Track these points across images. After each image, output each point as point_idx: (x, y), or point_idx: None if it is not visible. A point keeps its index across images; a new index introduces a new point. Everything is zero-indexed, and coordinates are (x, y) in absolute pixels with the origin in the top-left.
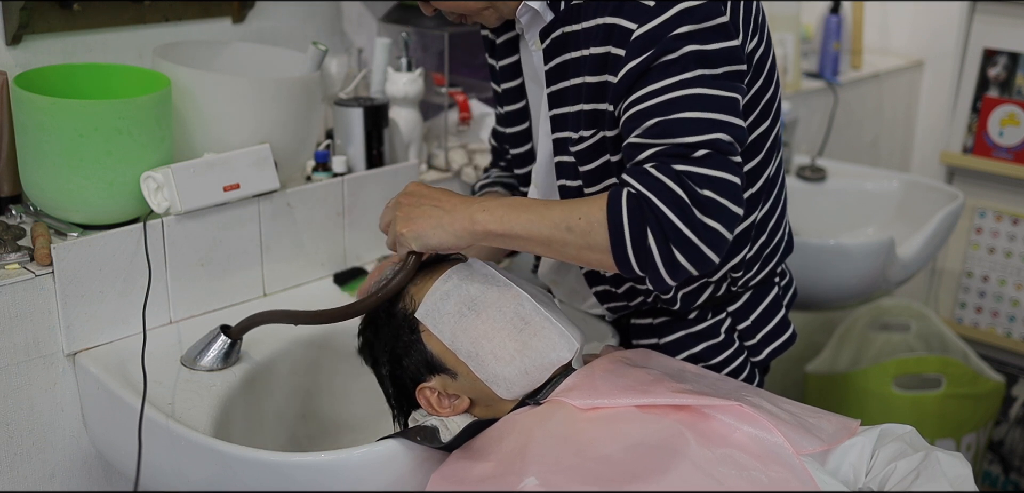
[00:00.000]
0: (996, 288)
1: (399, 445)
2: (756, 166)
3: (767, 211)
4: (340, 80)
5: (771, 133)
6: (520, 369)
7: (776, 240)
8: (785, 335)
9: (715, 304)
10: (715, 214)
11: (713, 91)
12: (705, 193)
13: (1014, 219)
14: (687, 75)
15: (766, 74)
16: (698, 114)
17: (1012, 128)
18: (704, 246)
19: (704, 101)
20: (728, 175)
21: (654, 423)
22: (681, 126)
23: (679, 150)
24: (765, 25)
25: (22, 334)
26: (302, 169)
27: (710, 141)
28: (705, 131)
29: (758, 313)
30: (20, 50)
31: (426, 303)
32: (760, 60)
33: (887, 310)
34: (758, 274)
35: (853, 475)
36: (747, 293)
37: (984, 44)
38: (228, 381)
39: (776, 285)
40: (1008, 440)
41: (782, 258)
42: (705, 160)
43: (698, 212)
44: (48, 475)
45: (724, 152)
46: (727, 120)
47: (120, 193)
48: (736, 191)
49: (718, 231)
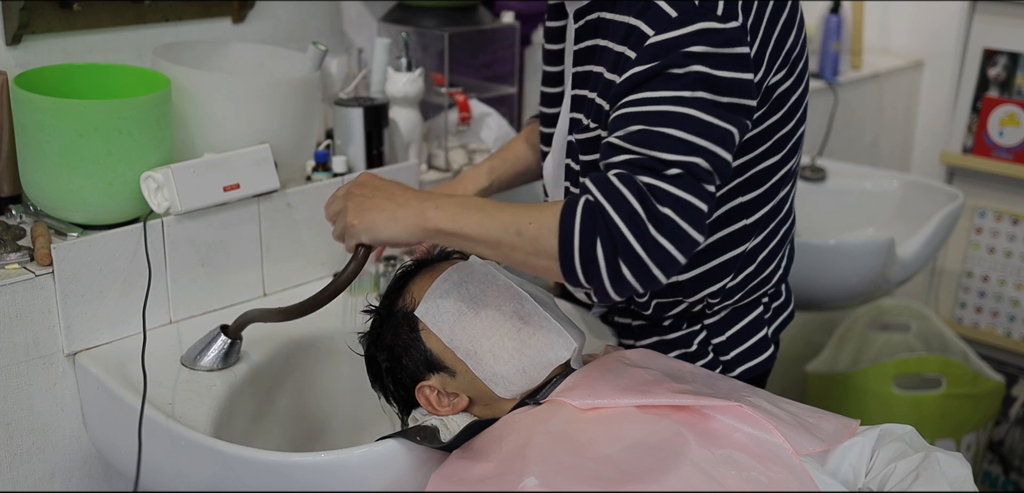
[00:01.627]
0: (996, 288)
1: (399, 445)
2: (756, 198)
3: (759, 243)
4: (340, 80)
5: (782, 167)
6: (519, 368)
7: (768, 272)
8: (762, 356)
9: (691, 316)
10: (670, 234)
11: (706, 117)
12: (664, 210)
13: (1014, 219)
14: (685, 93)
15: (787, 109)
16: (683, 134)
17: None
18: (652, 264)
19: (694, 123)
20: (694, 199)
21: (654, 423)
22: (662, 140)
23: (652, 163)
24: (800, 63)
25: (22, 334)
26: (302, 169)
27: (686, 162)
28: (684, 152)
29: (736, 330)
30: (20, 50)
31: (426, 301)
32: (783, 95)
33: (887, 310)
34: (742, 300)
35: (853, 475)
36: (726, 311)
37: (984, 44)
38: (228, 381)
39: (761, 306)
40: (1008, 440)
41: (777, 284)
42: (675, 179)
43: (652, 228)
44: (48, 475)
45: (698, 177)
46: (711, 149)
47: (120, 193)
48: (699, 217)
49: (670, 252)
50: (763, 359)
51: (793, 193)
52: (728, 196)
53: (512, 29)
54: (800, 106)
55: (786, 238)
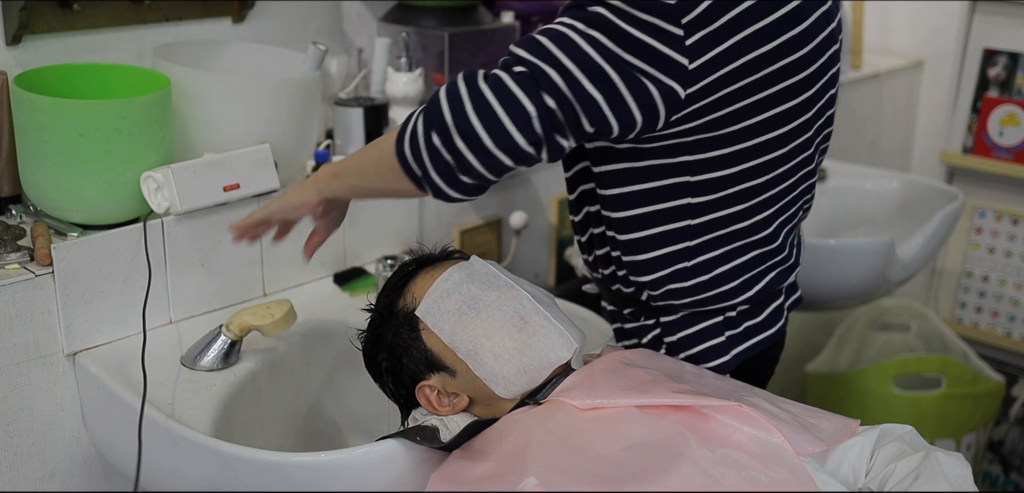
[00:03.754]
0: (996, 288)
1: (399, 445)
2: (704, 204)
3: (717, 256)
4: (340, 80)
5: (741, 181)
6: (519, 368)
7: (727, 287)
8: (717, 361)
9: (647, 310)
10: (483, 116)
11: (585, 46)
12: (485, 90)
13: (1014, 219)
14: (578, 24)
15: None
16: (548, 44)
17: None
18: (459, 141)
19: (566, 43)
20: (522, 95)
21: (654, 423)
22: (530, 45)
23: (508, 61)
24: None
25: (22, 334)
26: (302, 169)
27: (533, 64)
28: (539, 56)
29: (690, 332)
30: (20, 50)
31: (426, 301)
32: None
33: (887, 310)
34: (694, 306)
35: (853, 475)
36: (683, 312)
37: (984, 44)
38: (228, 381)
39: (722, 317)
40: (1008, 440)
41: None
42: (516, 75)
43: (467, 101)
44: (48, 475)
45: (538, 82)
46: (569, 68)
47: (120, 193)
48: (522, 113)
49: (478, 133)
50: (717, 365)
51: (781, 223)
52: (675, 191)
53: (512, 29)
54: (780, 128)
55: (761, 261)
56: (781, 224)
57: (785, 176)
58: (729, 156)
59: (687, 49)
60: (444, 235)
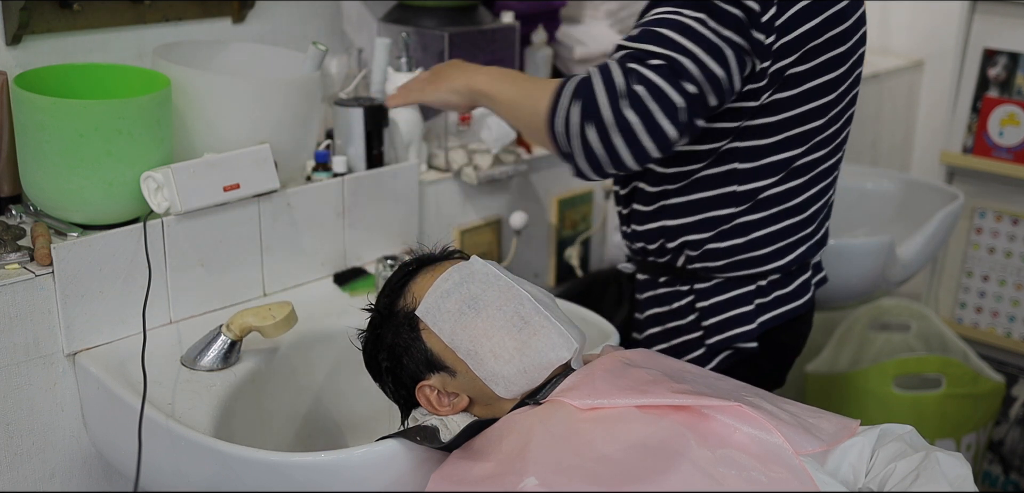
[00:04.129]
0: (996, 288)
1: (399, 445)
2: (750, 170)
3: (754, 221)
4: (340, 80)
5: (785, 151)
6: (519, 368)
7: (760, 252)
8: (742, 328)
9: (681, 276)
10: (639, 112)
11: (699, 28)
12: (638, 89)
13: (1014, 219)
14: (684, 9)
15: (797, 95)
16: (673, 34)
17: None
18: (618, 137)
19: (685, 29)
20: (668, 88)
21: (654, 423)
22: (654, 37)
23: (640, 54)
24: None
25: (22, 334)
26: (302, 169)
27: (668, 57)
28: (670, 48)
29: (722, 298)
30: (20, 50)
31: (426, 301)
32: (791, 78)
33: (887, 310)
34: (728, 271)
35: (853, 475)
36: (716, 279)
37: (984, 44)
38: (228, 381)
39: (755, 286)
40: (1008, 440)
41: (778, 271)
42: (656, 68)
43: (623, 102)
44: (48, 475)
45: (677, 73)
46: (697, 53)
47: (120, 193)
48: (670, 107)
49: (635, 130)
50: (742, 332)
51: (812, 195)
52: (725, 157)
53: (512, 29)
54: (819, 99)
55: (792, 232)
56: (812, 198)
57: (819, 147)
58: (774, 125)
59: (764, 25)
60: (444, 235)
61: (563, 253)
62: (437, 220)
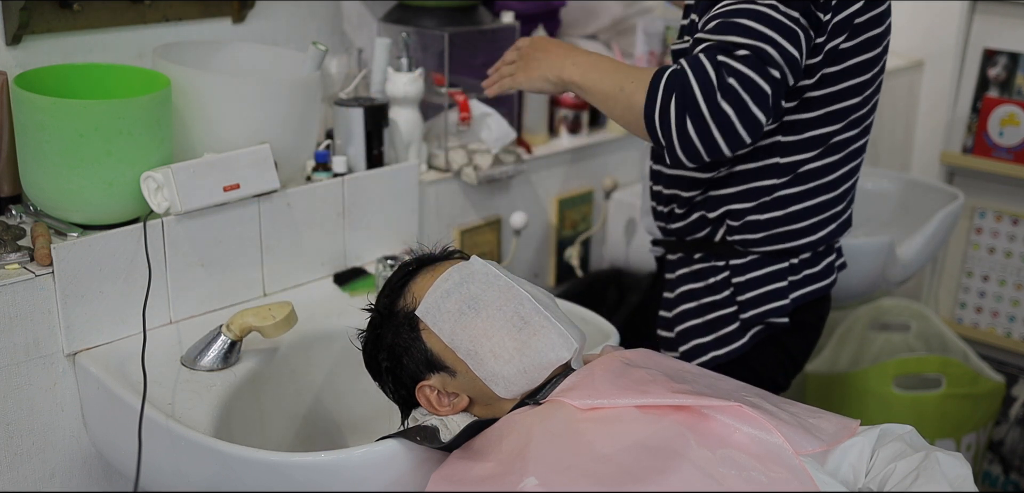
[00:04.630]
0: (996, 288)
1: (399, 445)
2: (793, 143)
3: (793, 194)
4: (340, 80)
5: (824, 126)
6: (519, 368)
7: (797, 227)
8: (776, 303)
9: (717, 252)
10: (734, 103)
11: (773, 13)
12: (730, 81)
13: (1014, 219)
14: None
15: (844, 74)
16: (752, 23)
17: (1012, 128)
18: (715, 128)
19: (762, 16)
20: (758, 78)
21: (654, 423)
22: (735, 28)
23: (725, 46)
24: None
25: (22, 334)
26: (302, 169)
27: (753, 46)
28: (753, 37)
29: (758, 274)
30: (20, 50)
31: (426, 301)
32: (841, 54)
33: (887, 310)
34: (765, 245)
35: (853, 475)
36: (752, 256)
37: (984, 44)
38: (228, 381)
39: (787, 263)
40: (1008, 440)
41: (809, 248)
42: (743, 59)
43: (719, 95)
44: (48, 475)
45: (763, 60)
46: (777, 39)
47: (120, 193)
48: (762, 96)
49: (732, 120)
50: (775, 307)
51: (844, 174)
52: (771, 132)
53: (512, 29)
54: (857, 77)
55: (826, 208)
56: (845, 175)
57: (853, 125)
58: (817, 99)
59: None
60: (444, 235)
61: (563, 253)
62: (437, 220)
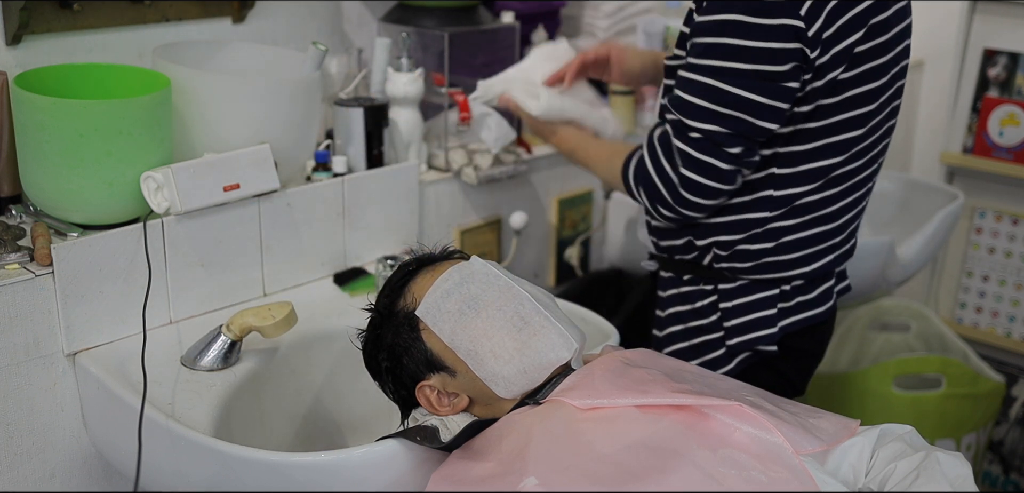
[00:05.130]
0: (996, 288)
1: (399, 445)
2: (787, 176)
3: (786, 227)
4: (340, 80)
5: (827, 162)
6: (519, 368)
7: (787, 257)
8: (762, 332)
9: (706, 276)
10: (692, 189)
11: (726, 87)
12: (685, 172)
13: (1014, 219)
14: (711, 62)
15: (842, 105)
16: (703, 103)
17: (1012, 128)
18: (682, 209)
19: (715, 94)
20: (715, 161)
21: (654, 423)
22: (688, 108)
23: (681, 127)
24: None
25: (22, 334)
26: (302, 169)
27: (705, 131)
28: (705, 120)
29: (746, 301)
30: (20, 50)
31: (426, 301)
32: (839, 85)
33: (887, 310)
34: (754, 273)
35: (853, 475)
36: (741, 281)
37: (984, 44)
38: (228, 381)
39: (778, 290)
40: (1008, 440)
41: (802, 276)
42: (696, 143)
43: (678, 185)
44: (48, 475)
45: (717, 142)
46: (730, 115)
47: (120, 193)
48: (720, 174)
49: (694, 202)
50: (762, 335)
51: (845, 206)
52: (764, 162)
53: (512, 29)
54: (860, 108)
55: (823, 239)
56: (846, 207)
57: (857, 157)
58: (814, 131)
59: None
60: (444, 235)
61: (563, 253)
62: (437, 220)
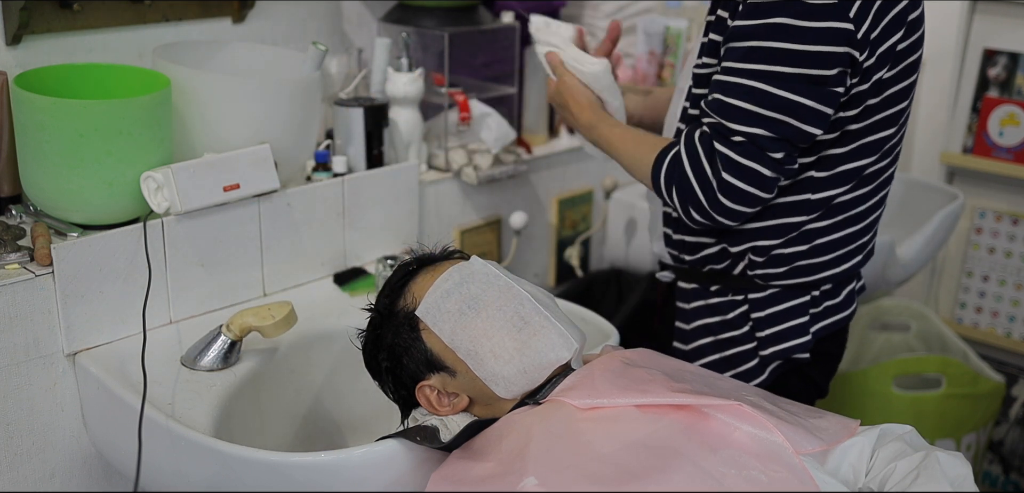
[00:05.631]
0: (996, 288)
1: (399, 445)
2: (826, 179)
3: (820, 228)
4: (340, 80)
5: (862, 162)
6: (519, 368)
7: (820, 260)
8: (797, 340)
9: (735, 286)
10: (732, 196)
11: (771, 89)
12: (726, 176)
13: (1014, 219)
14: (755, 66)
15: (882, 105)
16: (747, 106)
17: (1012, 128)
18: (717, 215)
19: (759, 96)
20: (758, 166)
21: (654, 423)
22: (730, 111)
23: (723, 130)
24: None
25: (22, 334)
26: (302, 169)
27: (749, 133)
28: (748, 123)
29: (777, 310)
30: (20, 50)
31: (426, 301)
32: (883, 85)
33: (887, 310)
34: (786, 278)
35: (853, 475)
36: (772, 289)
37: (984, 44)
38: (228, 381)
39: (809, 296)
40: (1008, 440)
41: (830, 280)
42: (738, 147)
43: (717, 189)
44: (48, 475)
45: (761, 147)
46: (775, 118)
47: (120, 193)
48: (763, 181)
49: (733, 209)
50: (797, 344)
51: (873, 204)
52: (804, 166)
53: (512, 29)
54: (899, 121)
55: (852, 240)
56: (874, 206)
57: (887, 155)
58: (852, 133)
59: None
60: (444, 235)
61: (563, 253)
62: (437, 220)
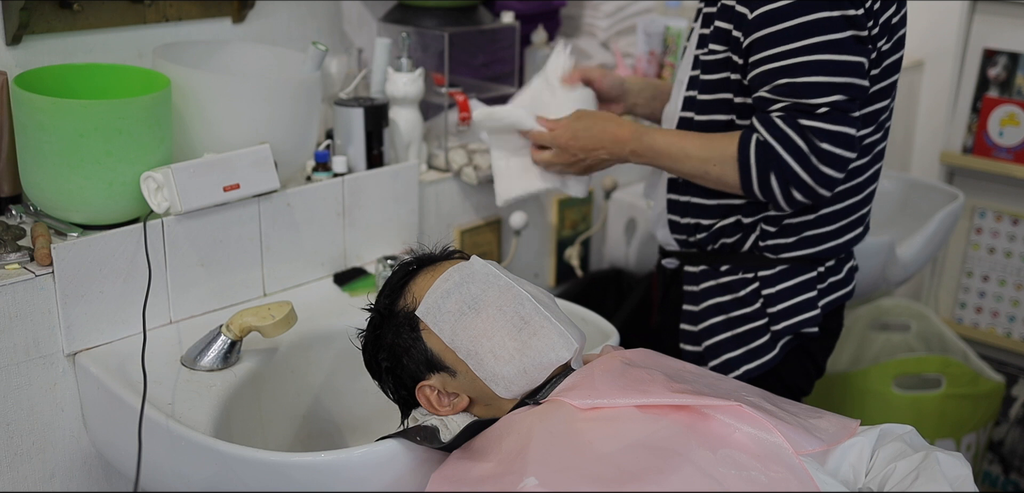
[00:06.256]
0: (996, 288)
1: (399, 445)
2: None
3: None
4: (340, 80)
5: (861, 132)
6: (519, 368)
7: (825, 230)
8: (806, 315)
9: (745, 264)
10: (831, 162)
11: (837, 56)
12: (824, 146)
13: (1014, 219)
14: (811, 40)
15: (880, 76)
16: (823, 79)
17: (1012, 128)
18: (819, 187)
19: (829, 66)
20: (846, 128)
21: (654, 423)
22: (807, 89)
23: (804, 109)
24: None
25: (22, 334)
26: (302, 169)
27: (831, 102)
28: (826, 93)
29: (787, 286)
30: (20, 50)
31: (427, 301)
32: (882, 56)
33: (887, 310)
34: (796, 250)
35: (853, 475)
36: (781, 266)
37: (984, 44)
38: (228, 381)
39: (815, 272)
40: (1008, 440)
41: (834, 255)
42: (826, 116)
43: (817, 161)
44: (48, 475)
45: (842, 109)
46: (848, 82)
47: (120, 193)
48: (852, 142)
49: (833, 176)
50: (806, 318)
51: (870, 176)
52: None
53: (512, 29)
54: (890, 78)
55: (852, 211)
56: (869, 179)
57: (879, 128)
58: None
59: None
60: (444, 235)
61: (563, 253)
62: (437, 220)
